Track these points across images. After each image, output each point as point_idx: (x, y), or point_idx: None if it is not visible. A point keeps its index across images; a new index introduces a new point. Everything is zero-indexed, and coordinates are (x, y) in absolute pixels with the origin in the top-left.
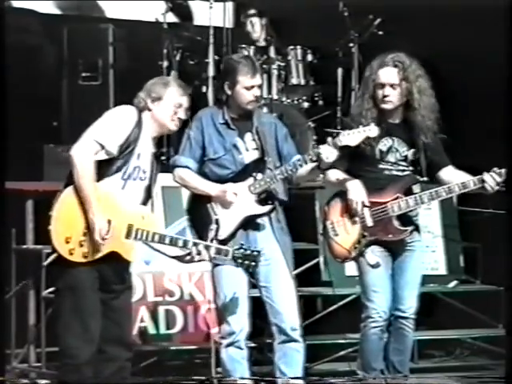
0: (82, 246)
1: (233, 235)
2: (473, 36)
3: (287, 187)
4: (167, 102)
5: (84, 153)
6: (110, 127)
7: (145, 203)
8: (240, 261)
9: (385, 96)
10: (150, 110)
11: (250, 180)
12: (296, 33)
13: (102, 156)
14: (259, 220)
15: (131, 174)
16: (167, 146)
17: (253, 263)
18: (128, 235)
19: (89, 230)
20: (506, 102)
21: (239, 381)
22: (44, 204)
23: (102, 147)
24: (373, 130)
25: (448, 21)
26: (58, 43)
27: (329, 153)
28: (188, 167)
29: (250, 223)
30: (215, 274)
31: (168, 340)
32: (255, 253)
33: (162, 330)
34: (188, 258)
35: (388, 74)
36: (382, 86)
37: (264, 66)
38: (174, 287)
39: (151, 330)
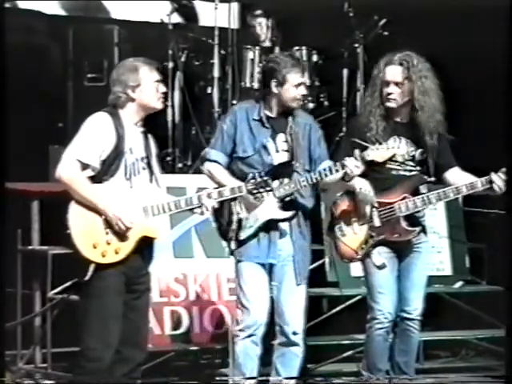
0: (109, 244)
1: (252, 237)
2: (473, 36)
3: (314, 192)
4: (147, 84)
5: (71, 171)
6: (91, 145)
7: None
8: (255, 191)
9: (389, 94)
10: (133, 99)
11: (276, 183)
12: (301, 33)
13: (88, 173)
14: (280, 224)
15: (132, 170)
16: (172, 147)
17: (268, 188)
18: (146, 216)
19: (110, 227)
20: (506, 102)
21: (243, 381)
22: (49, 205)
23: (87, 166)
24: (402, 148)
25: (450, 21)
26: (63, 44)
27: (354, 166)
28: (217, 162)
29: (271, 226)
30: (238, 269)
31: (173, 341)
32: (265, 177)
33: (168, 330)
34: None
35: (393, 72)
36: (387, 83)
37: None
38: (180, 288)
39: (156, 331)
